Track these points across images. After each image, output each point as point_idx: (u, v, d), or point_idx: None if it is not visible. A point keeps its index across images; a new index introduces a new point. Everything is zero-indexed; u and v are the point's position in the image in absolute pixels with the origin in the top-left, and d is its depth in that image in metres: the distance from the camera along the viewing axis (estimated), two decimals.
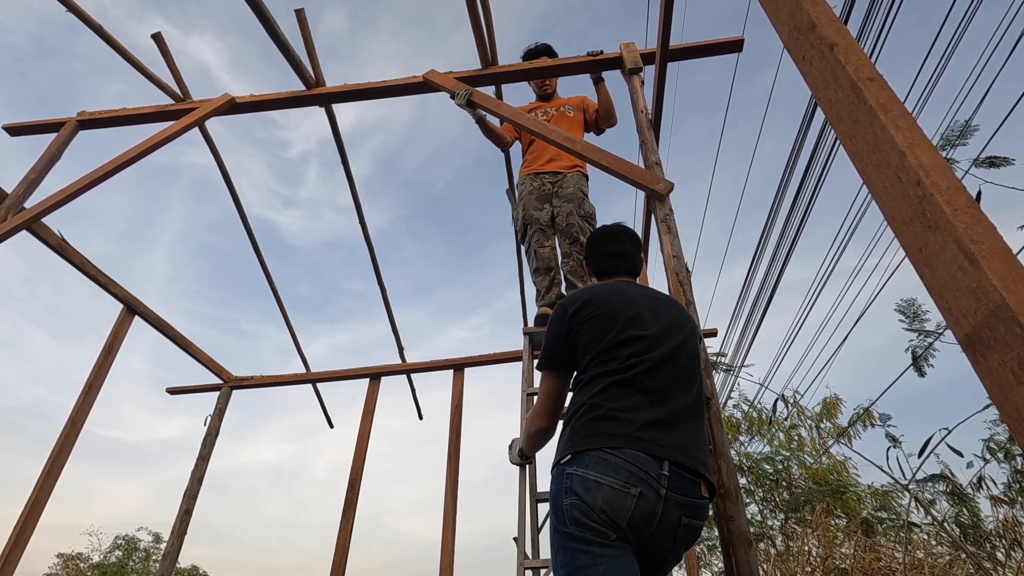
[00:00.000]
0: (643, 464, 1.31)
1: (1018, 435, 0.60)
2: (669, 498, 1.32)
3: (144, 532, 19.74)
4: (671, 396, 1.46)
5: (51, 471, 3.74)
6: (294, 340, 5.48)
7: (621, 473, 1.30)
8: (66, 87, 51.77)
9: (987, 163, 3.48)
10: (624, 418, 1.39)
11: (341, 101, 3.57)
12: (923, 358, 3.99)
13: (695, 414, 1.49)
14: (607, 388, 1.45)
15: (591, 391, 1.48)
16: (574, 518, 1.30)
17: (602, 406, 1.43)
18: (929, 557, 4.81)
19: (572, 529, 1.30)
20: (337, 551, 4.47)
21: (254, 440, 44.19)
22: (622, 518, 1.28)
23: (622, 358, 1.49)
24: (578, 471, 1.34)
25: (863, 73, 0.85)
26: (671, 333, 1.59)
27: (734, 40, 3.26)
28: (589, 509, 1.29)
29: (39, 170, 3.46)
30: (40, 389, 42.90)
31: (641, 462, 1.31)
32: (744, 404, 7.59)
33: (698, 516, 1.39)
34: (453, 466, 4.57)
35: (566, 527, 1.31)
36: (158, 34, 3.57)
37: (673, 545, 1.38)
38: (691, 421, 1.46)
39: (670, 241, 2.27)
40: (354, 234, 22.01)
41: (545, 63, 3.36)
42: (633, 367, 1.47)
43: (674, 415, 1.43)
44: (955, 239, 0.65)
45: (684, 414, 1.45)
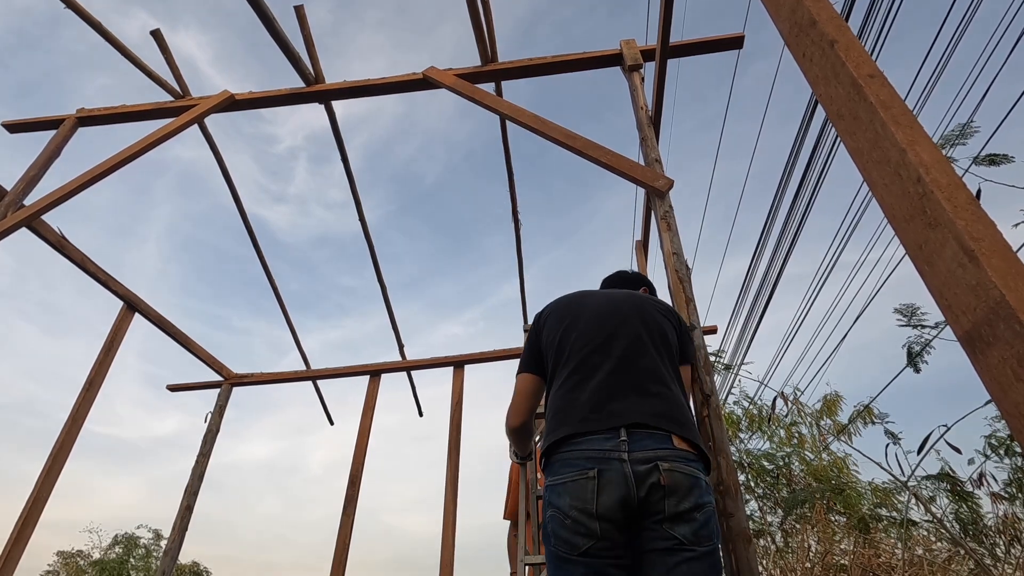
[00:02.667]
0: (596, 443, 1.35)
1: (1017, 432, 0.61)
2: (635, 458, 1.30)
3: (144, 529, 19.79)
4: (623, 369, 1.48)
5: (52, 468, 3.75)
6: (294, 337, 5.49)
7: (577, 463, 1.34)
8: (49, 80, 51.56)
9: (987, 161, 3.48)
10: (575, 406, 1.44)
11: (340, 98, 3.56)
12: (919, 355, 4.00)
13: (656, 379, 1.47)
14: (562, 384, 1.53)
15: (552, 391, 1.57)
16: (553, 531, 1.33)
17: (556, 404, 1.50)
18: (928, 553, 4.82)
19: (552, 544, 1.33)
20: (338, 547, 4.48)
21: (248, 437, 44.18)
22: (591, 507, 1.28)
23: (570, 349, 1.57)
24: (550, 481, 1.40)
25: (863, 70, 0.84)
26: (619, 311, 1.65)
27: (734, 37, 3.26)
28: (564, 515, 1.31)
29: (39, 167, 3.46)
30: (33, 385, 42.89)
31: (594, 443, 1.35)
32: (744, 401, 7.60)
33: (680, 463, 1.31)
34: (453, 462, 4.58)
35: (550, 544, 1.35)
36: (157, 31, 3.56)
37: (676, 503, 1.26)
38: (651, 387, 1.45)
39: (670, 238, 2.27)
40: (344, 230, 21.87)
41: (545, 61, 3.36)
42: (578, 352, 1.55)
43: (628, 384, 1.44)
44: (955, 236, 0.65)
45: (640, 382, 1.45)
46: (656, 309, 1.69)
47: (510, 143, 4.04)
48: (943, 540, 4.82)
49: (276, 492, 45.84)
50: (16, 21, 46.55)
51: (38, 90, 51.68)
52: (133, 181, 55.81)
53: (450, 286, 60.38)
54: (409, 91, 3.49)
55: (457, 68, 3.37)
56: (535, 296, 5.22)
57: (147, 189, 44.94)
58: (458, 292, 61.35)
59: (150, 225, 52.42)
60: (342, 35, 32.27)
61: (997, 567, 4.36)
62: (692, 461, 1.34)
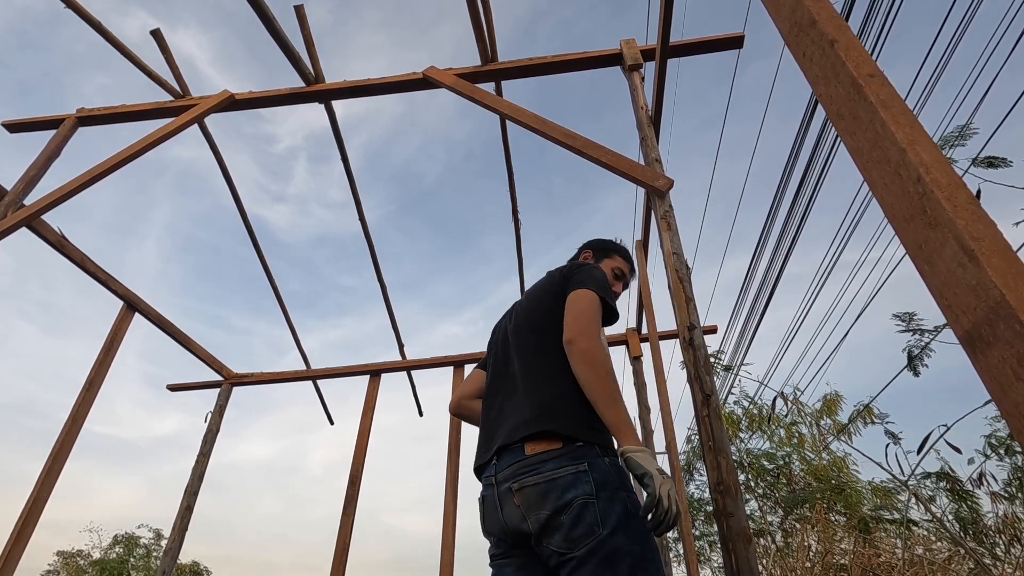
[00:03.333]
0: (485, 472, 1.37)
1: (1017, 432, 0.60)
2: (499, 480, 1.29)
3: (144, 529, 19.79)
4: (498, 388, 1.47)
5: (52, 468, 3.75)
6: (294, 336, 5.49)
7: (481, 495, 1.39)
8: (48, 80, 51.53)
9: (985, 163, 3.48)
10: (480, 436, 1.46)
11: (341, 98, 3.56)
12: (919, 358, 4.00)
13: (522, 382, 1.38)
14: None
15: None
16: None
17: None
18: (928, 553, 4.82)
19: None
20: (338, 547, 4.47)
21: (248, 437, 44.16)
22: (486, 531, 1.35)
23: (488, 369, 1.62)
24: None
25: (864, 69, 0.84)
26: (504, 323, 1.64)
27: (734, 36, 3.25)
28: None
29: (39, 167, 3.45)
30: (32, 385, 42.84)
31: (484, 472, 1.37)
32: (744, 401, 7.60)
33: (528, 474, 1.21)
34: (453, 462, 4.58)
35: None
36: (157, 31, 3.56)
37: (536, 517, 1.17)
38: (516, 397, 1.37)
39: (670, 238, 2.27)
40: (344, 229, 21.87)
41: (545, 61, 3.36)
42: (488, 370, 1.58)
43: (500, 404, 1.42)
44: (955, 236, 0.65)
45: (510, 393, 1.41)
46: (542, 286, 1.58)
47: (510, 143, 4.04)
48: (943, 540, 4.82)
49: (276, 492, 45.86)
50: (16, 21, 46.57)
51: (37, 89, 51.68)
52: (133, 181, 55.90)
53: (450, 285, 60.39)
54: (409, 91, 3.49)
55: (457, 68, 3.37)
56: None
57: (147, 189, 44.99)
58: (458, 291, 61.40)
59: (150, 225, 52.48)
60: (342, 34, 32.32)
61: (997, 567, 4.36)
62: (546, 461, 1.21)
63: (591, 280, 1.41)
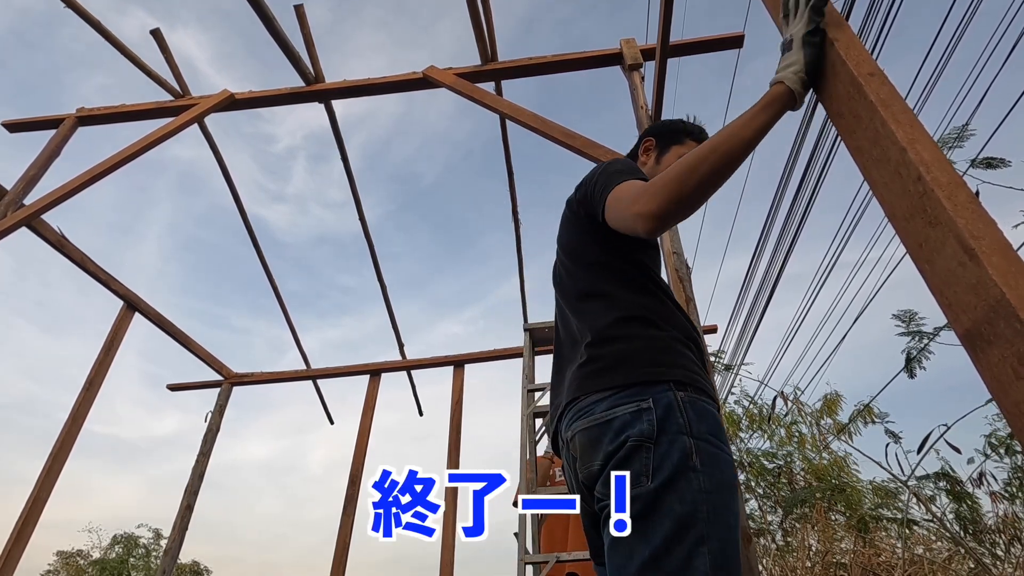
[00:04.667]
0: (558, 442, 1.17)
1: (1018, 430, 0.60)
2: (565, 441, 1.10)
3: (144, 529, 19.79)
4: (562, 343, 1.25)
5: (52, 468, 3.75)
6: (294, 336, 5.49)
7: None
8: (48, 79, 51.51)
9: (984, 164, 3.49)
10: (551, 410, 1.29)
11: (340, 97, 3.56)
12: (916, 360, 4.01)
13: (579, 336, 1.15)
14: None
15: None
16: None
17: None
18: (928, 552, 4.82)
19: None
20: (338, 547, 4.48)
21: (248, 436, 44.15)
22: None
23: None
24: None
25: (863, 68, 0.84)
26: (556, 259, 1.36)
27: (734, 36, 3.26)
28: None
29: (39, 166, 3.46)
30: (32, 385, 42.87)
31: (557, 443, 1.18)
32: (745, 400, 7.60)
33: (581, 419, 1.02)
34: (453, 462, 4.58)
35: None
36: (157, 30, 3.56)
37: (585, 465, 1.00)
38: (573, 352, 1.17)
39: (670, 238, 2.27)
40: (343, 229, 21.63)
41: (545, 61, 3.36)
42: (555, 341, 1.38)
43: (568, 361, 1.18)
44: (955, 235, 0.65)
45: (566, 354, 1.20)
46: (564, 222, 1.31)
47: (510, 142, 4.04)
48: (943, 539, 4.82)
49: (276, 492, 45.84)
50: (15, 20, 46.52)
51: (37, 89, 51.64)
52: (133, 180, 55.83)
53: (450, 285, 60.32)
54: (409, 90, 3.49)
55: (457, 67, 3.37)
56: (535, 295, 5.21)
57: (147, 188, 44.86)
58: (458, 291, 61.32)
59: (150, 224, 52.36)
60: (342, 34, 32.26)
61: (997, 566, 4.36)
62: (599, 401, 0.99)
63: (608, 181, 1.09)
